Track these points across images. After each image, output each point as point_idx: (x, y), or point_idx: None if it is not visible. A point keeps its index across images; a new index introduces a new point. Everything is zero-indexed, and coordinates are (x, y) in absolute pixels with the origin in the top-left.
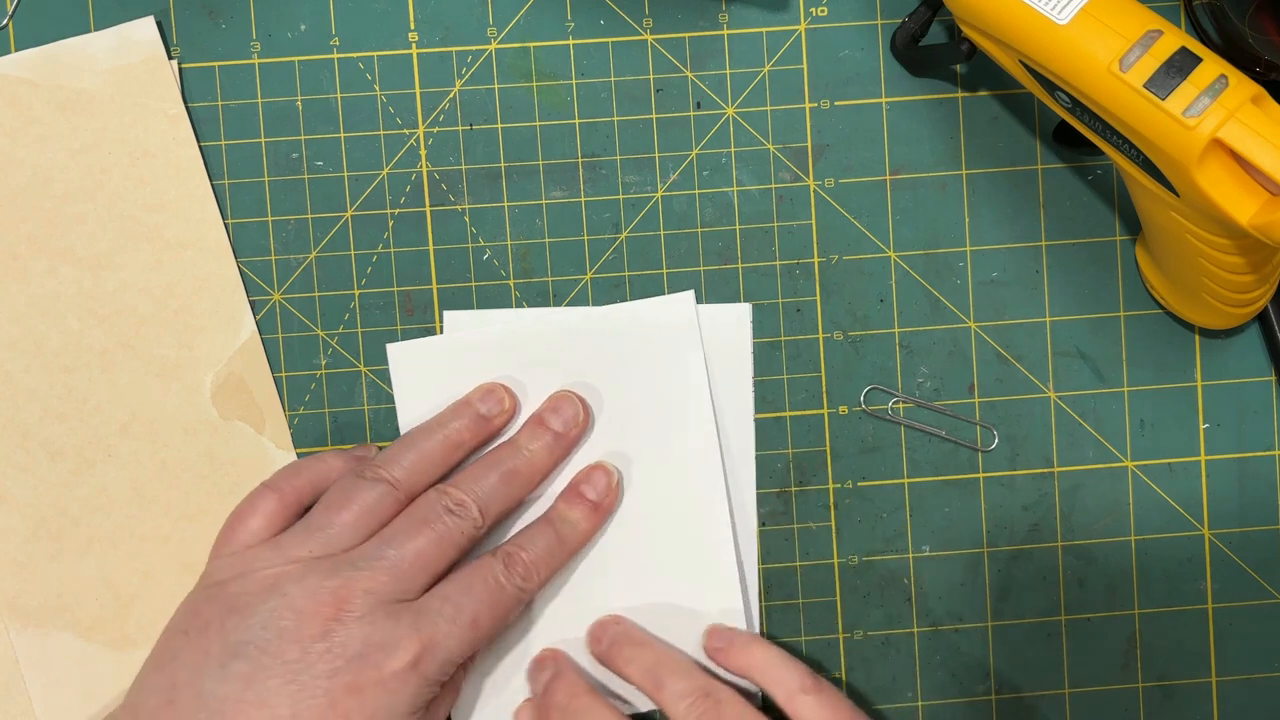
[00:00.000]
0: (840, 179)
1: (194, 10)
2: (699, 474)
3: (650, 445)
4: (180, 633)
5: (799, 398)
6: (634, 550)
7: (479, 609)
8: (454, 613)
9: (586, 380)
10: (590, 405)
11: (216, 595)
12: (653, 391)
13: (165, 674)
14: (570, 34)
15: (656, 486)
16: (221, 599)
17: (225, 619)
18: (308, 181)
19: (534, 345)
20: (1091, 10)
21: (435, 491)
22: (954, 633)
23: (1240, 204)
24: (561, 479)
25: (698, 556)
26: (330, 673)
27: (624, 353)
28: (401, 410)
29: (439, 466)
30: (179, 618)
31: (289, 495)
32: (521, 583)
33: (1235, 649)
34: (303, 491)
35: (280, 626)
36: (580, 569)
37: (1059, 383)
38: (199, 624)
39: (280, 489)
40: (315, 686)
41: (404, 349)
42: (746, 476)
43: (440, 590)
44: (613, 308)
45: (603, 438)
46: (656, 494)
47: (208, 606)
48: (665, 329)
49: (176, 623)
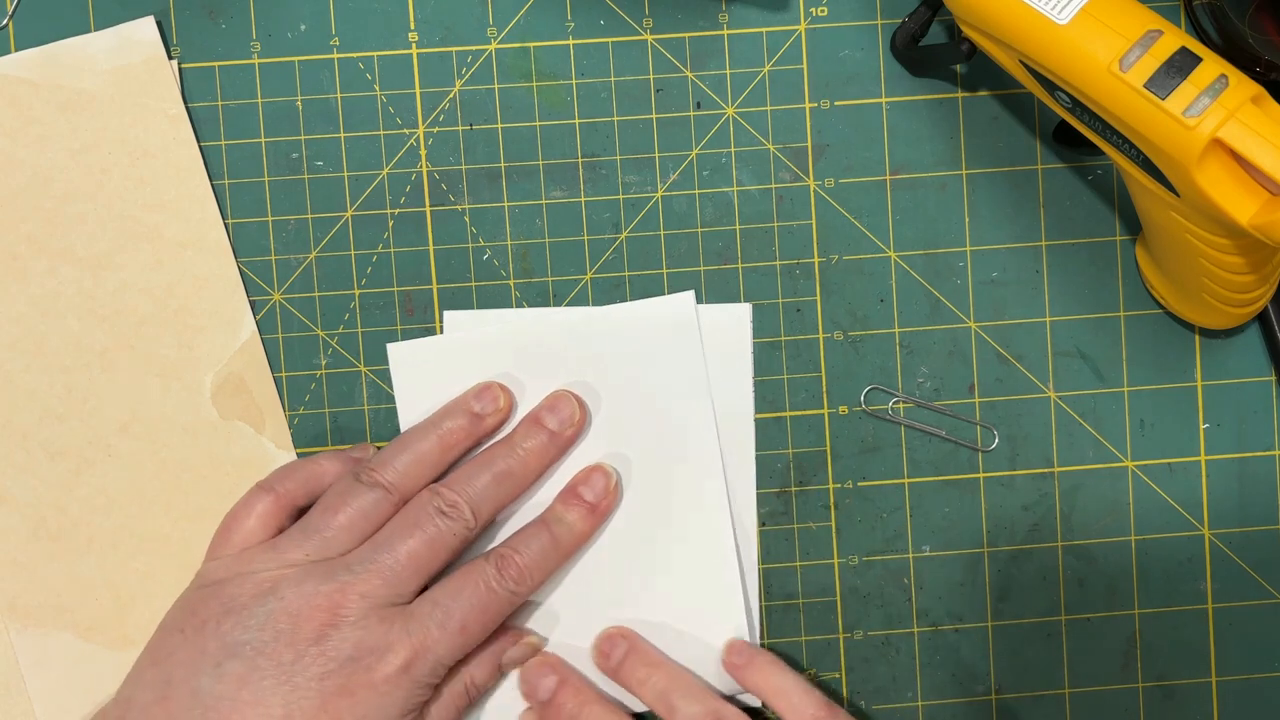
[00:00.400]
0: (840, 179)
1: (194, 10)
2: (699, 474)
3: (650, 446)
4: (176, 630)
5: (799, 398)
6: (633, 551)
7: (468, 614)
8: (444, 617)
9: (586, 380)
10: (589, 405)
11: (213, 595)
12: (652, 391)
13: (160, 670)
14: (570, 34)
15: (656, 487)
16: (218, 599)
17: (222, 619)
18: (308, 181)
19: (533, 345)
20: (1091, 10)
21: (428, 492)
22: (954, 633)
23: (1240, 204)
24: (560, 480)
25: (698, 557)
26: (323, 675)
27: (624, 353)
28: (402, 410)
29: (434, 467)
30: (175, 615)
31: (284, 497)
32: (514, 586)
33: (1235, 649)
34: (297, 493)
35: (276, 629)
36: (578, 570)
37: (1059, 383)
38: (195, 623)
39: (275, 490)
40: (308, 688)
41: (404, 349)
42: (746, 476)
43: (432, 594)
44: (613, 308)
45: (601, 438)
46: (656, 495)
47: (204, 606)
48: (665, 329)
49: (172, 620)
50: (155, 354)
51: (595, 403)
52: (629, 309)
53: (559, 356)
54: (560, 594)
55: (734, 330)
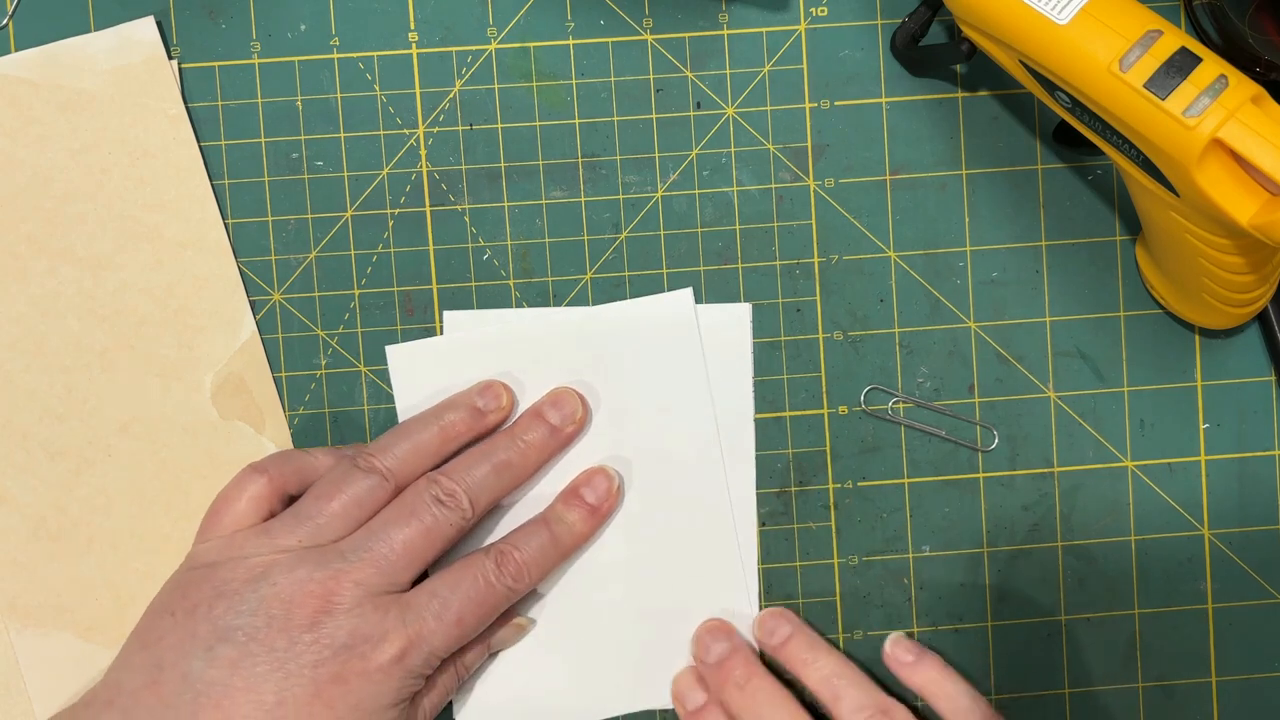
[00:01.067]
0: (840, 179)
1: (194, 10)
2: (699, 473)
3: (650, 444)
4: (166, 613)
5: (799, 398)
6: (634, 550)
7: (465, 607)
8: (440, 609)
9: (585, 379)
10: (590, 404)
11: (205, 578)
12: (652, 390)
13: (150, 654)
14: (570, 34)
15: (656, 486)
16: (210, 582)
17: (214, 603)
18: (308, 181)
19: (533, 345)
20: (1091, 10)
21: (426, 480)
22: (954, 633)
23: (1240, 204)
24: (558, 476)
25: (700, 555)
26: (317, 662)
27: (623, 351)
28: (402, 413)
29: (432, 458)
30: (165, 597)
31: (276, 480)
32: (512, 582)
33: (1235, 649)
34: (289, 479)
35: (269, 615)
36: (578, 567)
37: (1059, 383)
38: (187, 605)
39: (268, 472)
40: (301, 675)
41: (403, 351)
42: (746, 475)
43: (429, 585)
44: (611, 306)
45: (602, 436)
46: (657, 493)
47: (195, 589)
48: (664, 327)
49: (162, 602)
50: (155, 354)
51: (596, 401)
52: (627, 307)
53: (559, 356)
54: (560, 592)
55: (734, 330)
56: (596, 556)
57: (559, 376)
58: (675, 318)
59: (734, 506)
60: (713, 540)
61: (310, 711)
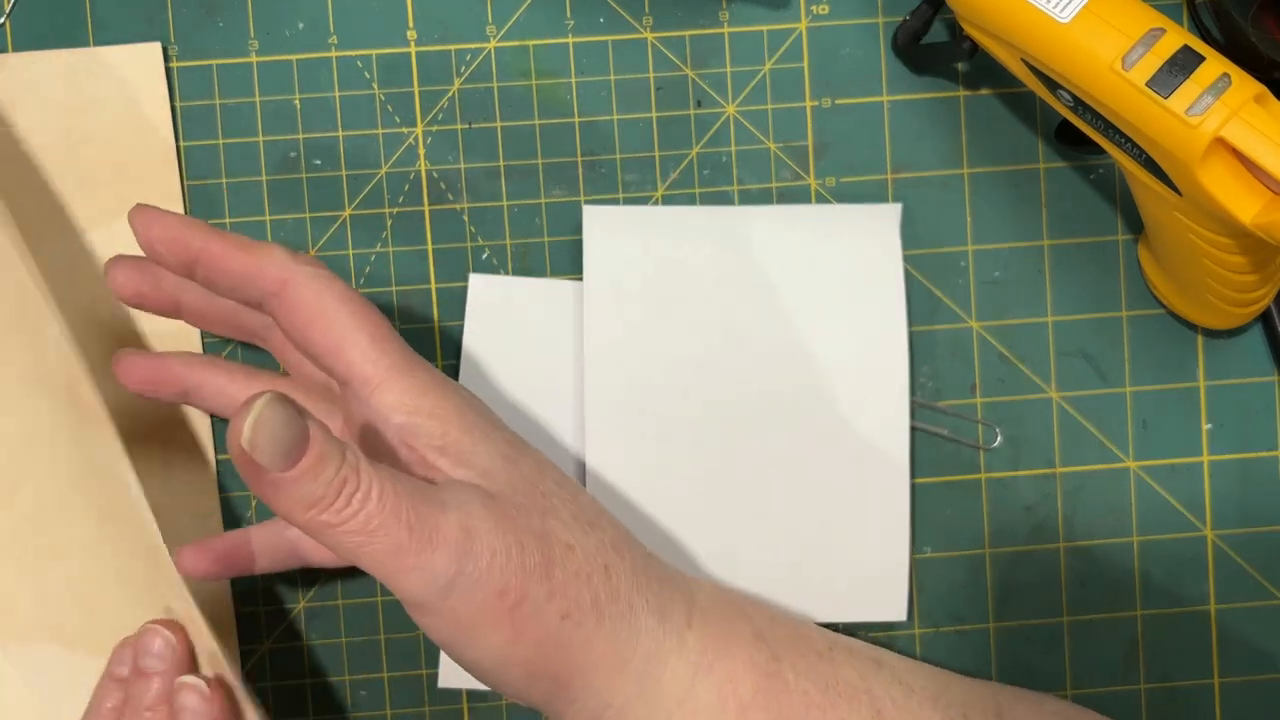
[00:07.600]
0: (841, 178)
1: (191, 8)
2: (882, 398)
3: (832, 357)
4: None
5: None
6: (803, 466)
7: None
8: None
9: (771, 279)
10: (770, 306)
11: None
12: (845, 300)
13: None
14: (570, 32)
15: (834, 402)
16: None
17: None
18: (305, 180)
19: (724, 234)
20: (1094, 8)
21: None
22: (955, 634)
23: (1243, 203)
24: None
25: (869, 489)
26: None
27: (816, 255)
28: (588, 274)
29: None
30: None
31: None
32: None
33: (1238, 650)
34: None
35: None
36: (745, 473)
37: (1061, 383)
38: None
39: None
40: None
41: (600, 212)
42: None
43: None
44: (813, 207)
45: (783, 342)
46: (833, 411)
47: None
48: (867, 238)
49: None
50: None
51: (777, 304)
52: (832, 210)
53: (749, 249)
54: (717, 498)
55: (882, 237)
56: (765, 463)
57: (749, 271)
58: (880, 231)
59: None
60: (887, 474)
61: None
